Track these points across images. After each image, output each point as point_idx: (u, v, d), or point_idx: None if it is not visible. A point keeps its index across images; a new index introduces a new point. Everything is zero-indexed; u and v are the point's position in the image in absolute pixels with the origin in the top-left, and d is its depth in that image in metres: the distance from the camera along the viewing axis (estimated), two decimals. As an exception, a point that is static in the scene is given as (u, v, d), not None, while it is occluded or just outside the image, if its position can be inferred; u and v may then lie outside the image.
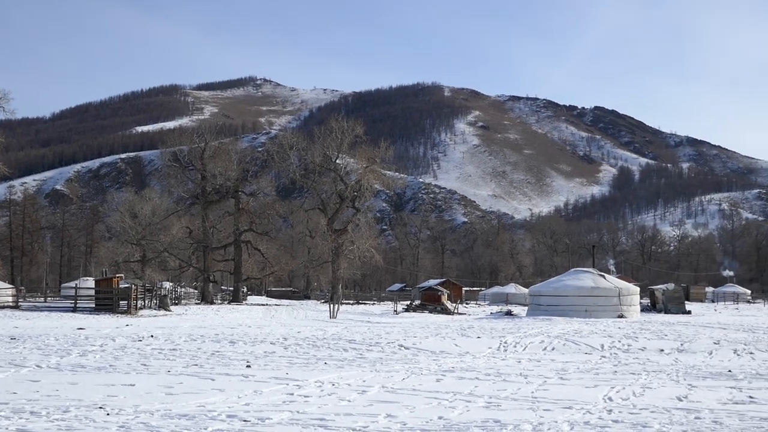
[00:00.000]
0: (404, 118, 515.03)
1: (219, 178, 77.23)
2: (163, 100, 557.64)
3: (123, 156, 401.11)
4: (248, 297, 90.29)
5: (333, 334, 26.17)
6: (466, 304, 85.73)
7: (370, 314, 52.20)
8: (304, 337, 24.80)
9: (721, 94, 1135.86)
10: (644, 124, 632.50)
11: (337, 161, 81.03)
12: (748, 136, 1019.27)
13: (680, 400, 13.26)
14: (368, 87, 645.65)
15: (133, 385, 14.45)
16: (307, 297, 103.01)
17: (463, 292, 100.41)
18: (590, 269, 51.73)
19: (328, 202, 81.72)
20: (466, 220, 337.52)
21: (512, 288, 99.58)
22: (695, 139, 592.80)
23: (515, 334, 26.46)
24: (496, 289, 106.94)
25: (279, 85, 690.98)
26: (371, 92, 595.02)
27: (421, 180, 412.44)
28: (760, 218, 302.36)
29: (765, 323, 36.79)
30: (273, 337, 24.67)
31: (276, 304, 73.03)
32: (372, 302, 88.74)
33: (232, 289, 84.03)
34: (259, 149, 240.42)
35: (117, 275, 55.64)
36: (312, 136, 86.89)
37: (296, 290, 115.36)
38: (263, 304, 71.92)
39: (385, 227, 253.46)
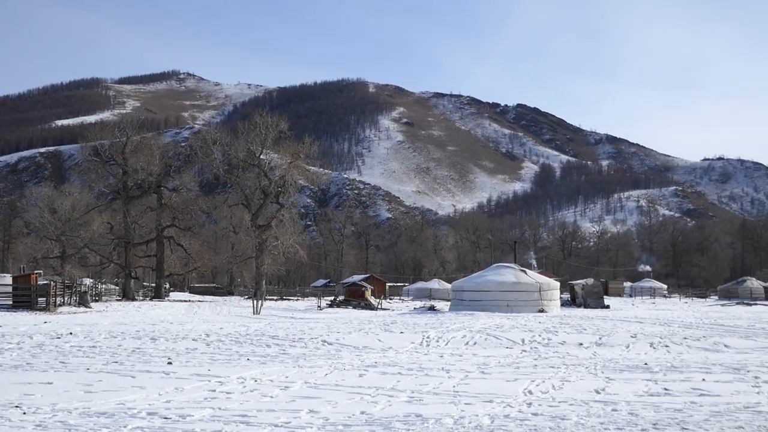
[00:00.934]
0: (329, 113, 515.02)
1: (141, 173, 76.12)
2: (84, 94, 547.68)
3: (42, 150, 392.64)
4: (171, 293, 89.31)
5: (256, 330, 26.06)
6: (390, 299, 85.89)
7: (294, 310, 52.03)
8: (226, 334, 24.65)
9: (639, 93, 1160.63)
10: (565, 121, 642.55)
11: (261, 157, 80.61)
12: (665, 134, 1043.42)
13: (598, 392, 13.51)
14: (293, 82, 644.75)
15: (51, 383, 14.21)
16: (230, 293, 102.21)
17: (387, 287, 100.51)
18: (512, 265, 52.27)
19: (252, 198, 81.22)
20: (390, 215, 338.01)
21: (435, 283, 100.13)
22: (614, 137, 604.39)
23: (438, 329, 26.66)
24: (420, 284, 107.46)
25: (203, 79, 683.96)
26: (296, 88, 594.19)
27: (345, 176, 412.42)
28: (677, 215, 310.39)
29: (680, 317, 37.69)
30: (195, 334, 24.48)
31: (199, 301, 72.40)
32: (296, 298, 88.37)
33: (154, 285, 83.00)
34: (182, 144, 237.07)
35: (35, 271, 54.48)
36: (236, 132, 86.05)
37: (219, 286, 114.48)
38: (186, 301, 71.24)
39: (309, 223, 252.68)
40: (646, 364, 17.91)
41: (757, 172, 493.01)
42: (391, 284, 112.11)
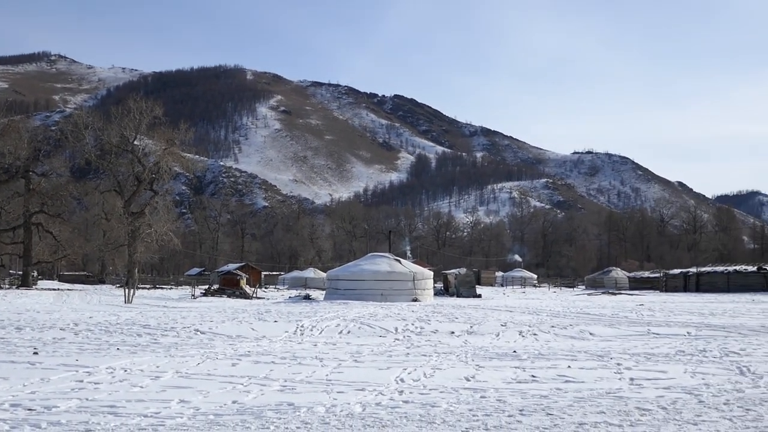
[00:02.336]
0: (206, 100, 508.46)
1: (8, 157, 73.79)
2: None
3: None
4: (39, 282, 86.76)
5: (127, 320, 25.61)
6: (265, 288, 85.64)
7: (167, 299, 51.25)
8: (96, 323, 24.14)
9: (513, 87, 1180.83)
10: (441, 113, 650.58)
11: (135, 142, 79.08)
12: (537, 128, 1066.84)
13: (468, 380, 13.73)
14: (169, 67, 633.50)
15: None
16: (102, 282, 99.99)
17: (263, 276, 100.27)
18: (387, 254, 52.71)
19: (125, 184, 79.69)
20: (266, 204, 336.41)
21: (311, 272, 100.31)
22: (489, 130, 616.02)
23: (312, 318, 26.71)
24: (296, 273, 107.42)
25: (75, 62, 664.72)
26: (172, 73, 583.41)
27: (222, 163, 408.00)
28: (547, 206, 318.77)
29: (549, 306, 38.70)
30: (63, 323, 23.90)
31: (68, 289, 70.54)
32: (170, 287, 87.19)
33: (21, 273, 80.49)
34: (53, 128, 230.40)
35: None
36: (109, 116, 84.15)
37: (90, 274, 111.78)
38: (55, 289, 69.31)
39: (184, 210, 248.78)
40: (515, 351, 18.27)
41: (624, 165, 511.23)
42: (267, 273, 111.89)
